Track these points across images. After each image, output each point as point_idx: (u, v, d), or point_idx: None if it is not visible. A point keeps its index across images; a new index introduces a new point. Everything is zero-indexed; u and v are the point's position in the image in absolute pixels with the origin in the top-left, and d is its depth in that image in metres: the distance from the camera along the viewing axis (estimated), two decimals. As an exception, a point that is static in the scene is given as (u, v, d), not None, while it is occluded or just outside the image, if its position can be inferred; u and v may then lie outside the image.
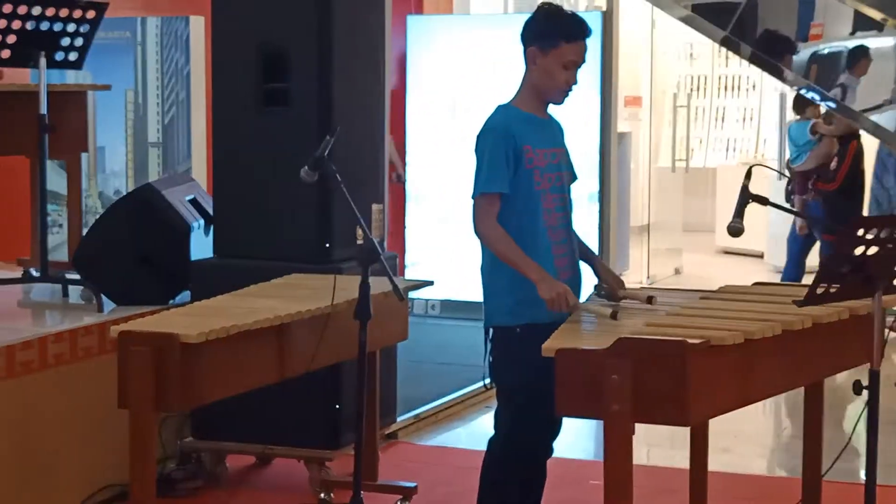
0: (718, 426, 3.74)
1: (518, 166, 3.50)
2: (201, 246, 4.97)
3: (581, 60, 3.55)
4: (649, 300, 3.57)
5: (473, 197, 3.53)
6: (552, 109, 3.67)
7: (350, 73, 4.80)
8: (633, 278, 9.54)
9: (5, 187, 7.85)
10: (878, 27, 7.10)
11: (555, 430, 3.69)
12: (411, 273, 7.97)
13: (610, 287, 3.65)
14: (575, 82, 3.56)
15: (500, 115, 3.59)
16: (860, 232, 3.03)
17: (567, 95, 3.58)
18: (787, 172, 8.47)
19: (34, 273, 5.08)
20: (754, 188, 3.69)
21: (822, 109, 8.37)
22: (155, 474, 3.55)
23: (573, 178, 3.73)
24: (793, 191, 8.39)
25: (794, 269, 8.48)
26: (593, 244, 4.71)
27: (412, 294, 5.84)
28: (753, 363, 3.14)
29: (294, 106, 4.70)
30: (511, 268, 3.49)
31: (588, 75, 3.69)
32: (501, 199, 3.50)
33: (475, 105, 7.73)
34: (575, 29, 3.54)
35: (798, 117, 8.54)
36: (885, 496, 3.52)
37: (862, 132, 8.01)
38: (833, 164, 8.04)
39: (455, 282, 7.51)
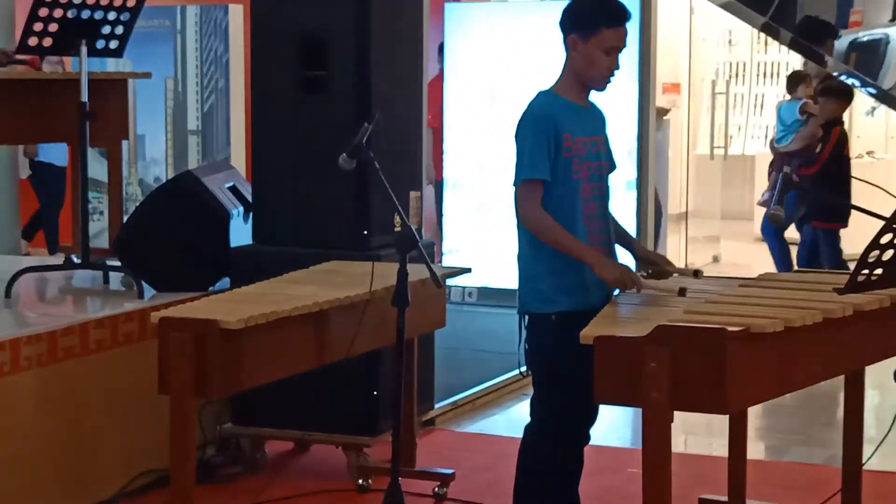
0: (757, 414, 3.73)
1: (557, 154, 3.48)
2: (240, 233, 5.00)
3: (622, 45, 3.53)
4: (696, 274, 3.61)
5: (515, 184, 3.51)
6: (593, 97, 3.65)
7: (388, 60, 4.81)
8: (671, 267, 9.47)
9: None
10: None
11: (591, 418, 3.68)
12: (448, 261, 7.98)
13: (657, 265, 3.64)
14: (617, 67, 3.54)
15: (542, 101, 3.57)
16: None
17: (609, 82, 3.56)
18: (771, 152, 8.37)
19: (75, 260, 5.12)
20: (793, 176, 3.67)
21: (812, 89, 8.29)
22: (195, 460, 3.57)
23: (612, 167, 3.71)
24: (772, 171, 8.30)
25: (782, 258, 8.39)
26: (630, 232, 4.70)
27: (449, 281, 5.85)
28: (793, 351, 3.12)
29: (332, 94, 4.71)
30: (547, 255, 3.48)
31: (626, 62, 3.66)
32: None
33: (513, 92, 7.70)
34: (616, 14, 3.52)
35: (790, 97, 8.45)
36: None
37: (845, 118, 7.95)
38: (817, 149, 7.94)
39: (492, 269, 7.51)
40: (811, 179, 7.81)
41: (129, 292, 4.89)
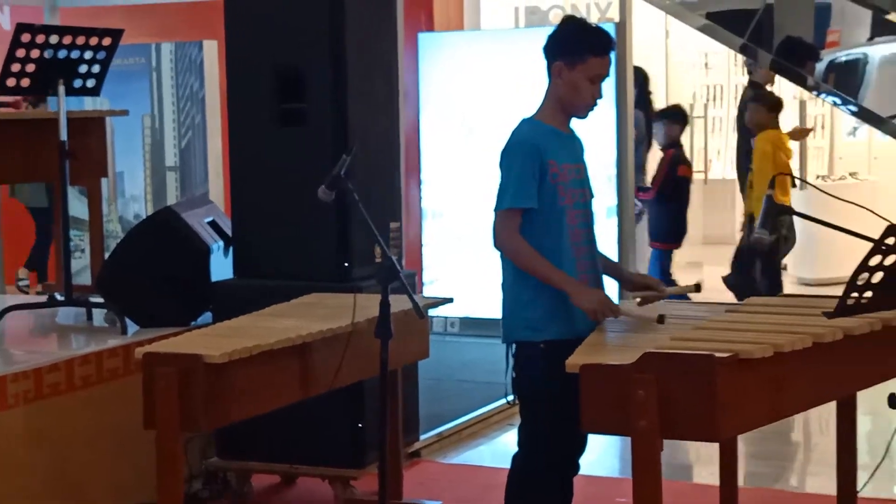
0: (747, 441, 3.69)
1: (542, 181, 3.47)
2: (221, 267, 4.97)
3: (606, 74, 3.54)
4: (697, 288, 3.56)
5: (498, 210, 3.50)
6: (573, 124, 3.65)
7: (365, 91, 4.80)
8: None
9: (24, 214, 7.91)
10: (896, 31, 7.06)
11: (580, 447, 3.66)
12: (429, 291, 7.95)
13: (650, 289, 3.61)
14: (601, 96, 3.55)
15: (527, 128, 3.57)
16: (890, 241, 3.00)
17: (592, 109, 3.57)
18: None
19: (59, 297, 5.10)
20: (775, 199, 3.66)
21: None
22: (182, 494, 3.54)
23: (591, 194, 3.71)
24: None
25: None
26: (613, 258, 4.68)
27: (431, 312, 5.82)
28: (783, 377, 3.08)
29: (310, 125, 4.70)
30: (535, 283, 3.47)
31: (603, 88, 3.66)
32: (525, 215, 3.48)
33: (489, 121, 7.71)
34: (603, 43, 3.53)
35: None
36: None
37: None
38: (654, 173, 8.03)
39: (473, 299, 7.48)
40: (649, 204, 7.88)
41: (113, 328, 4.87)
